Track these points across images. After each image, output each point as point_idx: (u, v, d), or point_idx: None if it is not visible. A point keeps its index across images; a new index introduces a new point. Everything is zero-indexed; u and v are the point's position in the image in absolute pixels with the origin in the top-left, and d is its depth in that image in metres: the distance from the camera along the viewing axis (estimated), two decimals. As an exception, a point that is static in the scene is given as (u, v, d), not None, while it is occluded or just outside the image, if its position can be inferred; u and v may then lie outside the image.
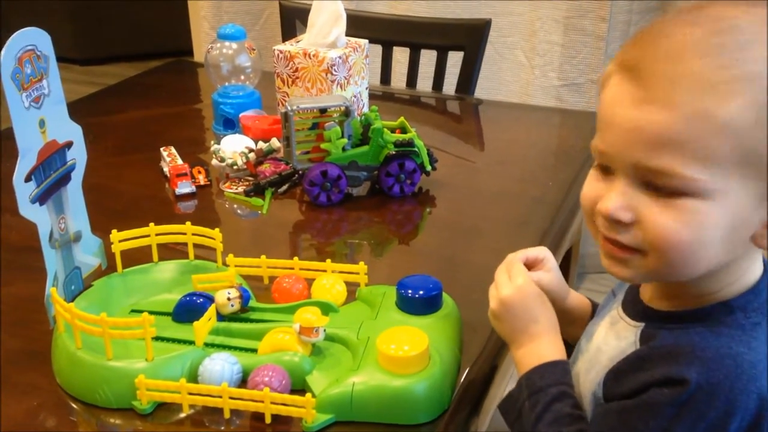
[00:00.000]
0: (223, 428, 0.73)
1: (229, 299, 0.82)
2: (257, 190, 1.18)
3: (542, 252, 0.78)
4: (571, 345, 0.76)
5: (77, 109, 0.90)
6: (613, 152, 0.60)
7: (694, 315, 0.62)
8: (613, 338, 0.67)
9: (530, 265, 0.78)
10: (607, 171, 0.61)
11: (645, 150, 0.57)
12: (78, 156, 0.85)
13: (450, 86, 1.69)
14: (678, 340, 0.60)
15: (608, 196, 0.60)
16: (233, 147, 1.24)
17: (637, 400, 0.60)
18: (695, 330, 0.61)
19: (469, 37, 1.64)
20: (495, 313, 0.76)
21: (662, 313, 0.65)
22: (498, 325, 0.76)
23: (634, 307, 0.68)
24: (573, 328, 0.78)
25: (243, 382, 0.74)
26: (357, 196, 1.18)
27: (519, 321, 0.74)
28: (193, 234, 0.91)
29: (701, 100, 0.55)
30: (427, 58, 1.72)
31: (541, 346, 0.72)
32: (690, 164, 0.56)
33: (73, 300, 0.84)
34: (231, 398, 0.72)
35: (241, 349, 0.79)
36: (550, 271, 0.77)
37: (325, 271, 0.89)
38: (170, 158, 1.22)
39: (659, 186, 0.57)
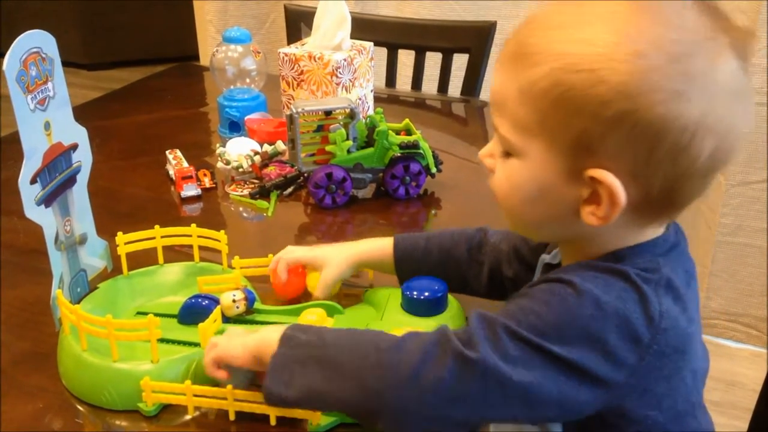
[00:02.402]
0: (228, 430, 0.73)
1: (234, 301, 0.82)
2: (262, 193, 1.18)
3: (314, 258, 0.87)
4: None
5: (84, 113, 0.90)
6: None
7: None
8: None
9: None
10: None
11: (491, 109, 0.64)
12: (83, 158, 0.85)
13: (455, 88, 1.69)
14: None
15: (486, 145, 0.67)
16: (238, 150, 1.24)
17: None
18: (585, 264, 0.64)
19: (475, 40, 1.64)
20: (219, 341, 0.73)
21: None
22: (227, 345, 0.71)
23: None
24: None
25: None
26: (362, 198, 1.18)
27: (238, 336, 0.72)
28: (199, 236, 0.91)
29: (512, 66, 0.60)
30: (433, 61, 1.72)
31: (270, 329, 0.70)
32: (506, 125, 0.61)
33: (78, 302, 0.85)
34: (236, 400, 0.72)
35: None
36: (330, 269, 0.85)
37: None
38: (176, 161, 1.23)
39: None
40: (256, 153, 1.23)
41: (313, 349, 0.65)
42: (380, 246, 0.87)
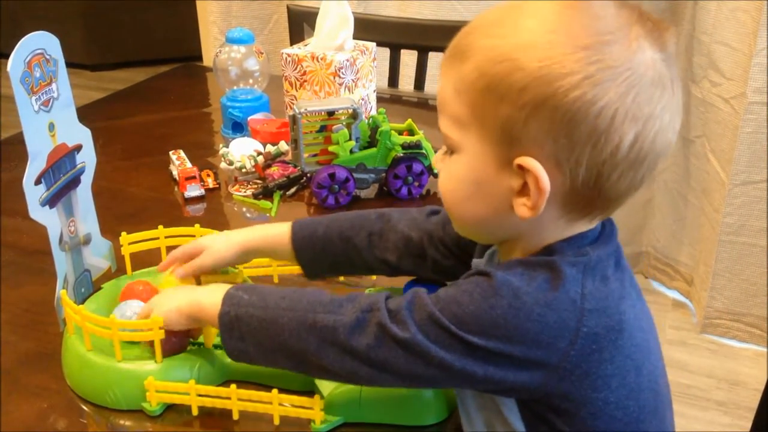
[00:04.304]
0: (231, 430, 0.73)
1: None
2: (266, 193, 1.18)
3: (196, 246, 0.85)
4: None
5: (87, 114, 0.91)
6: None
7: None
8: None
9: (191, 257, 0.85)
10: None
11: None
12: (87, 159, 0.86)
13: (458, 89, 1.69)
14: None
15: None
16: (242, 150, 1.24)
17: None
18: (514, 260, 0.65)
19: (477, 40, 1.64)
20: (152, 304, 0.76)
21: None
22: (161, 307, 0.75)
23: None
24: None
25: None
26: (365, 198, 1.18)
27: (179, 292, 0.76)
28: (202, 236, 0.91)
29: (449, 66, 0.63)
30: (435, 61, 1.72)
31: (214, 289, 0.73)
32: (445, 122, 0.64)
33: (83, 302, 0.85)
34: (240, 400, 0.72)
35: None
36: (206, 254, 0.83)
37: None
38: (179, 161, 1.23)
39: None
40: (259, 153, 1.23)
41: (256, 309, 0.68)
42: (275, 233, 0.85)
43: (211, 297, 0.71)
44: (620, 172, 0.59)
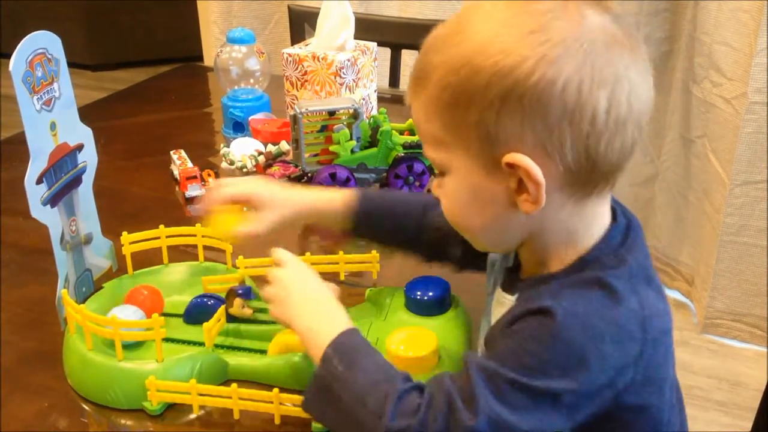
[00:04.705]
0: (232, 429, 0.73)
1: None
2: (266, 193, 1.18)
3: (252, 194, 0.82)
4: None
5: (88, 114, 0.91)
6: None
7: (558, 275, 0.64)
8: (500, 314, 0.67)
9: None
10: None
11: None
12: (89, 159, 0.86)
13: (459, 89, 1.69)
14: (540, 289, 0.62)
15: None
16: (243, 150, 1.24)
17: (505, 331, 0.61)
18: (555, 282, 0.63)
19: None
20: (277, 296, 0.73)
21: (531, 279, 0.66)
22: (282, 309, 0.73)
23: (510, 284, 0.70)
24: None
25: None
26: (366, 198, 1.18)
27: (304, 293, 0.73)
28: (203, 236, 0.91)
29: (415, 92, 0.63)
30: (436, 61, 1.72)
31: (334, 316, 0.70)
32: (429, 147, 0.64)
33: (84, 302, 0.85)
34: (241, 399, 0.72)
35: (250, 350, 0.80)
36: (270, 212, 0.81)
37: (337, 263, 0.91)
38: (180, 161, 1.23)
39: None
40: (260, 153, 1.23)
41: (345, 391, 0.63)
42: (330, 199, 0.85)
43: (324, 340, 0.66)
44: (607, 140, 0.58)
